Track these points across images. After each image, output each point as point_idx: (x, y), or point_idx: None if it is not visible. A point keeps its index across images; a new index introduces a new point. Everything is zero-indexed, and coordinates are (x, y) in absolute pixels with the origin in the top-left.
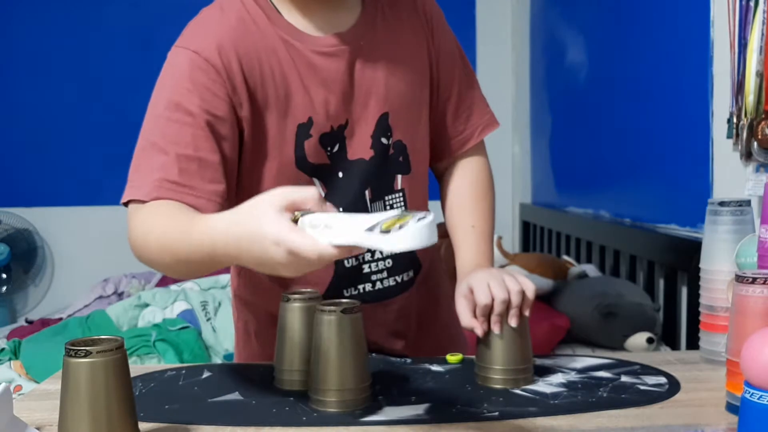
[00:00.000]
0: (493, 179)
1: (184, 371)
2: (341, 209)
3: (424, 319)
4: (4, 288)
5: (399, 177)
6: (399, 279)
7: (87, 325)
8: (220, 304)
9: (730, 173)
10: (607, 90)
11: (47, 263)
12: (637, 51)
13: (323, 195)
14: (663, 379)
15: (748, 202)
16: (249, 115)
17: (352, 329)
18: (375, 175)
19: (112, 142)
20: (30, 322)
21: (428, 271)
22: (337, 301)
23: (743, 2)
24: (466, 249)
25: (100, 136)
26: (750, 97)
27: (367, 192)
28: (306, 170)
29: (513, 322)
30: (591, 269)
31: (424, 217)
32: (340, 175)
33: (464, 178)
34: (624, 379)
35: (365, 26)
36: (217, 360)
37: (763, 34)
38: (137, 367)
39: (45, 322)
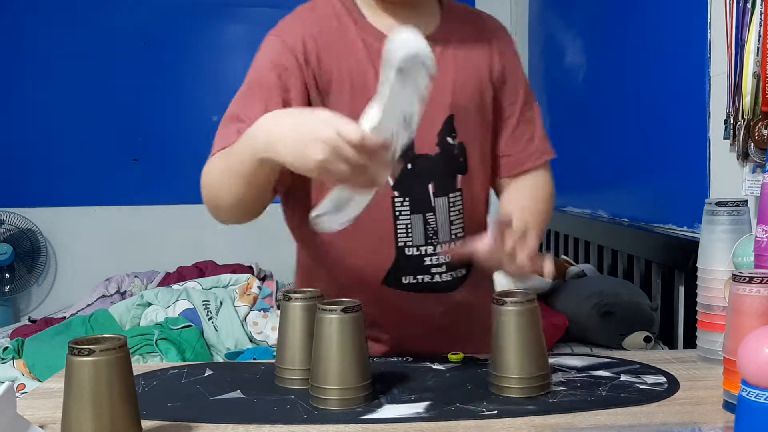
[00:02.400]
0: (553, 195)
1: (186, 370)
2: (407, 200)
3: (472, 318)
4: (8, 287)
5: (459, 177)
6: (455, 274)
7: (90, 324)
8: (221, 303)
9: (727, 174)
10: (605, 91)
11: (50, 263)
12: (634, 52)
13: (391, 185)
14: (662, 378)
15: (744, 203)
16: (322, 104)
17: (353, 328)
18: (438, 171)
19: (116, 142)
20: (33, 321)
21: (483, 271)
22: (338, 300)
23: (740, 4)
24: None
25: (103, 136)
26: (747, 99)
27: (430, 186)
28: None
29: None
30: (589, 269)
31: None
32: (408, 166)
33: (522, 184)
34: (623, 378)
35: (441, 35)
36: (219, 358)
37: (760, 36)
38: (140, 365)
39: (48, 321)
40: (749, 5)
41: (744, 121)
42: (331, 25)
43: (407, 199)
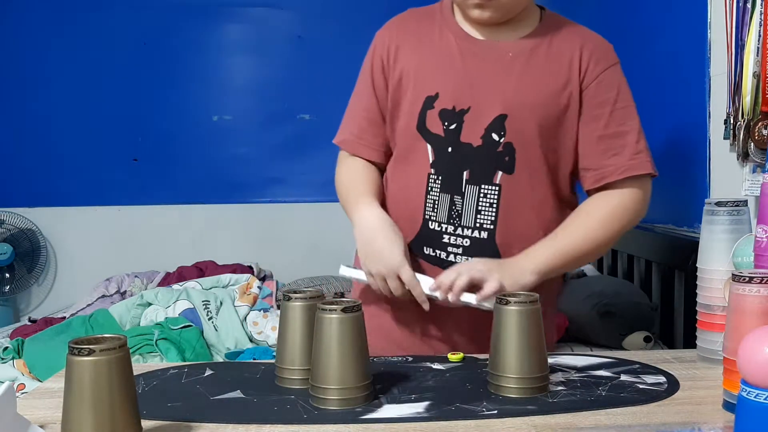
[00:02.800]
0: (627, 218)
1: (186, 369)
2: (440, 178)
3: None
4: (8, 287)
5: (500, 173)
6: (470, 258)
7: (90, 324)
8: (221, 303)
9: (727, 174)
10: None
11: (50, 263)
12: (634, 52)
13: (430, 162)
14: (662, 378)
15: (744, 203)
16: (396, 82)
17: (353, 328)
18: (477, 162)
19: (116, 142)
20: (33, 321)
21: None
22: (338, 300)
23: (740, 4)
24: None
25: (103, 137)
26: (747, 98)
27: (465, 173)
28: (423, 134)
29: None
30: (589, 269)
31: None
32: (449, 149)
33: (589, 203)
34: (623, 378)
35: (524, 46)
36: (219, 358)
37: (760, 36)
38: (140, 365)
39: (48, 321)
40: (749, 5)
41: (744, 121)
42: (422, 20)
43: (440, 177)
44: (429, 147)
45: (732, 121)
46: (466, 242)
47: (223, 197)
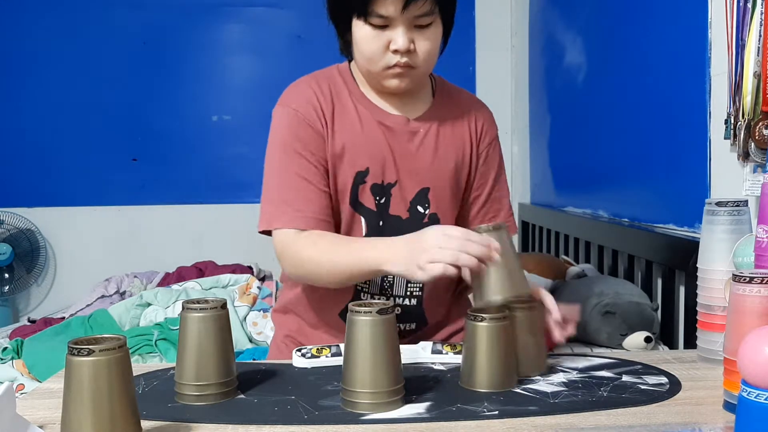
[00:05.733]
0: None
1: None
2: None
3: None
4: (7, 287)
5: None
6: (403, 327)
7: (89, 324)
8: None
9: (727, 174)
10: (606, 91)
11: (49, 263)
12: (635, 52)
13: (365, 234)
14: (664, 379)
15: (745, 203)
16: (330, 157)
17: (386, 331)
18: (406, 233)
19: (115, 142)
20: (32, 322)
21: (433, 330)
22: (371, 302)
23: (741, 4)
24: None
25: (102, 136)
26: (747, 98)
27: None
28: (357, 210)
29: None
30: (589, 269)
31: None
32: (381, 223)
33: None
34: (625, 378)
35: (428, 118)
36: None
37: (760, 36)
38: (140, 365)
39: (47, 322)
40: (749, 5)
41: (744, 121)
42: (331, 94)
43: None
44: (363, 221)
45: (732, 121)
46: (398, 311)
47: (223, 197)
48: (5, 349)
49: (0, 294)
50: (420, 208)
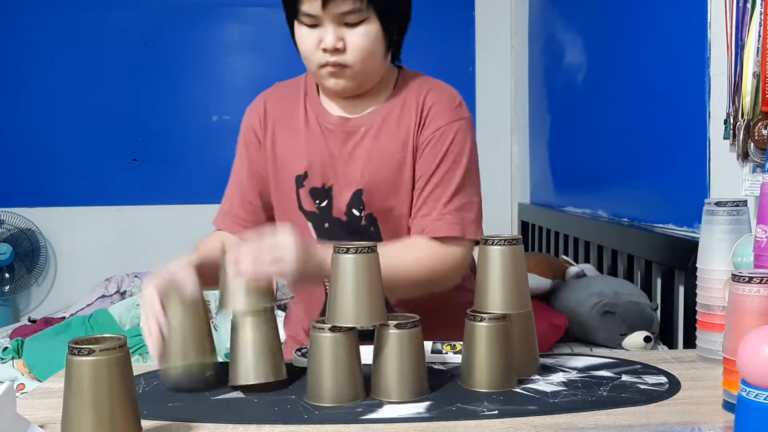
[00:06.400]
0: (433, 270)
1: None
2: None
3: None
4: (7, 287)
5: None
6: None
7: (89, 324)
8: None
9: (726, 174)
10: (605, 91)
11: (50, 263)
12: (634, 52)
13: (315, 237)
14: (663, 379)
15: (744, 202)
16: (271, 161)
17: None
18: (348, 236)
19: (115, 142)
20: (33, 321)
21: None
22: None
23: (740, 4)
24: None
25: (103, 136)
26: (747, 98)
27: None
28: (303, 213)
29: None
30: (589, 269)
31: None
32: (326, 225)
33: (413, 241)
34: (625, 378)
35: (375, 118)
36: (219, 359)
37: (760, 36)
38: (140, 365)
39: (48, 321)
40: (749, 5)
41: (744, 121)
42: (289, 96)
43: None
44: (310, 225)
45: (732, 121)
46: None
47: (222, 197)
48: (6, 348)
49: (0, 294)
50: (355, 211)
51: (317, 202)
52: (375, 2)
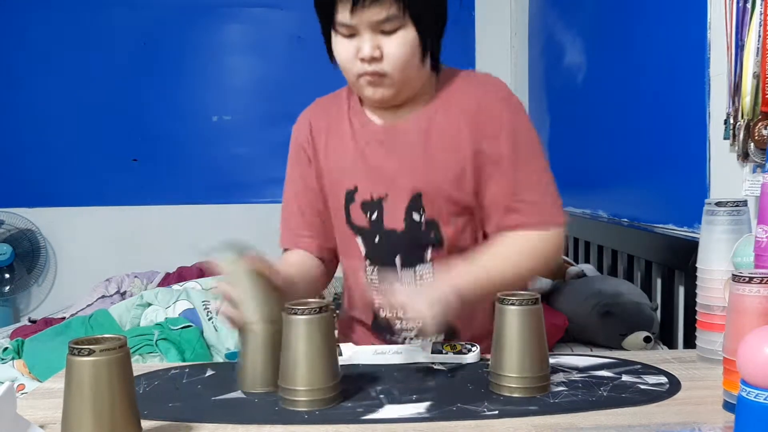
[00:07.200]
0: (542, 258)
1: (187, 370)
2: (376, 269)
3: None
4: (7, 288)
5: (429, 250)
6: (428, 339)
7: (90, 324)
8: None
9: (727, 174)
10: (605, 91)
11: (50, 263)
12: (634, 52)
13: (363, 254)
14: (664, 379)
15: (744, 203)
16: (322, 177)
17: (322, 329)
18: (405, 245)
19: (115, 142)
20: (33, 322)
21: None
22: (306, 300)
23: (740, 4)
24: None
25: (103, 137)
26: (747, 99)
27: (397, 259)
28: (353, 229)
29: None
30: (589, 269)
31: None
32: (377, 239)
33: (508, 237)
34: (625, 378)
35: (420, 122)
36: (219, 359)
37: (759, 36)
38: (140, 365)
39: (48, 322)
40: (749, 5)
41: (744, 121)
42: (331, 110)
43: (375, 268)
44: (359, 240)
45: (732, 122)
46: (419, 323)
47: (223, 197)
48: (6, 349)
49: (0, 294)
50: (415, 216)
51: (368, 215)
52: (411, 9)
